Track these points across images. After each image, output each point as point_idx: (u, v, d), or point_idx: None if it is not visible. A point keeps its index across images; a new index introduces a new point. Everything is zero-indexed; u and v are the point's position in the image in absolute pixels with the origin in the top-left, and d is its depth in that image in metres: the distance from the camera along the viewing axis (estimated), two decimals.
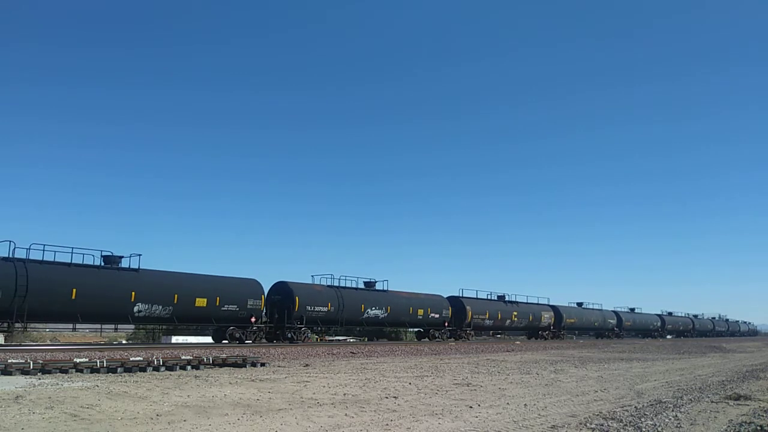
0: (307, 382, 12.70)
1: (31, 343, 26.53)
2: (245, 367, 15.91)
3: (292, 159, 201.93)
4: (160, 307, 25.10)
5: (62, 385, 11.12)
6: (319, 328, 33.45)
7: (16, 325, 21.73)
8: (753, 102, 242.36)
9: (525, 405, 10.08)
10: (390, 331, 40.99)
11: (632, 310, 69.70)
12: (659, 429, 8.06)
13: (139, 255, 25.18)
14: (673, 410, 9.72)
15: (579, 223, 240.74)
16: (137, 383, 11.65)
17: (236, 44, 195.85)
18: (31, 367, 13.13)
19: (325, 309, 31.52)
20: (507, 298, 47.37)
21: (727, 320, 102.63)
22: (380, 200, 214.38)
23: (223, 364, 16.06)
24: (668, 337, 73.15)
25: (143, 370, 14.21)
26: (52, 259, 22.86)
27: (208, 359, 15.99)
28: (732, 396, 11.85)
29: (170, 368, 14.67)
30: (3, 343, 26.56)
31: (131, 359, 14.98)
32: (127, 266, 24.94)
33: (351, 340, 38.63)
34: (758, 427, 8.26)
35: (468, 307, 41.77)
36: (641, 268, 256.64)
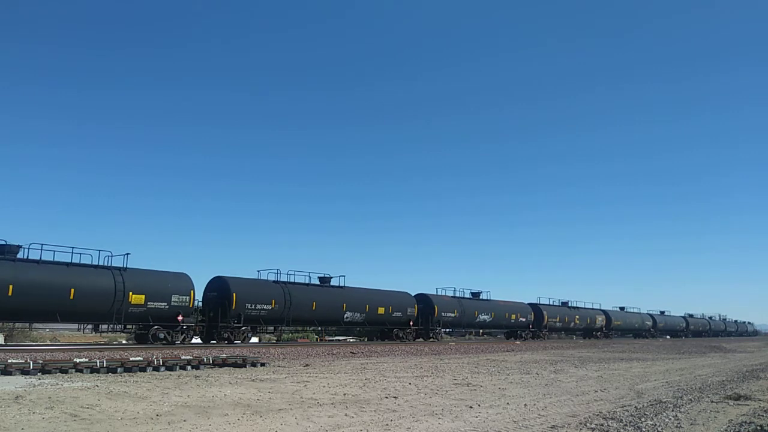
0: (307, 382, 12.70)
1: (31, 343, 26.52)
2: (245, 367, 15.91)
3: (298, 159, 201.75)
4: (358, 314, 32.99)
5: (62, 385, 11.12)
6: (449, 330, 43.62)
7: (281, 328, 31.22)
8: (753, 102, 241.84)
9: (525, 405, 10.08)
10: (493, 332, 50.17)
11: (662, 312, 75.09)
12: (659, 429, 8.06)
13: (343, 276, 33.38)
14: (673, 410, 9.72)
15: (578, 223, 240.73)
16: (137, 383, 11.65)
17: (236, 44, 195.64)
18: (31, 367, 13.13)
19: (453, 314, 39.59)
20: (570, 304, 53.84)
21: (735, 321, 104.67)
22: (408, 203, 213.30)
23: (223, 364, 16.06)
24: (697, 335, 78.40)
25: (143, 370, 14.21)
26: (296, 281, 31.17)
27: (208, 359, 15.99)
28: (732, 396, 11.85)
29: (170, 368, 14.66)
30: (3, 343, 26.57)
31: (131, 359, 14.97)
32: (337, 284, 33.01)
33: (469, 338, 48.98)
34: (758, 427, 8.26)
35: (545, 312, 48.91)
36: (640, 268, 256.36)
